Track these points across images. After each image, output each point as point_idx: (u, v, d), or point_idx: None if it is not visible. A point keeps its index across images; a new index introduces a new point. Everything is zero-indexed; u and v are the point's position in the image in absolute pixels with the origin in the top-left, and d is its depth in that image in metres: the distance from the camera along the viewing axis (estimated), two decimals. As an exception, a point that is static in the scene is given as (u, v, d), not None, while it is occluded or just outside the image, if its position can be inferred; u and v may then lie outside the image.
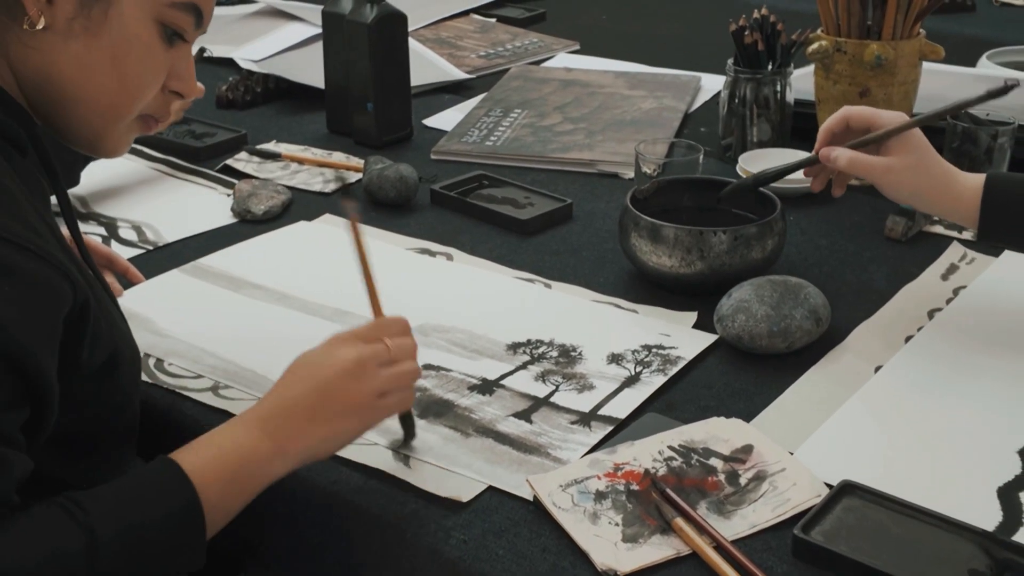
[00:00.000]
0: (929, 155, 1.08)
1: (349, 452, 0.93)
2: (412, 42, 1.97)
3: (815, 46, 1.42)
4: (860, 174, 1.10)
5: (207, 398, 1.00)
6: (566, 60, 2.00)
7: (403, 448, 0.92)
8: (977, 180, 1.07)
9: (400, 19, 1.54)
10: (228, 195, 1.41)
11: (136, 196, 1.43)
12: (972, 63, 1.78)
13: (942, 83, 1.60)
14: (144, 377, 1.02)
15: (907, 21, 1.39)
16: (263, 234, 1.33)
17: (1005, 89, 1.06)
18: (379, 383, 0.84)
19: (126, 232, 1.33)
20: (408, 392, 0.87)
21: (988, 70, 1.74)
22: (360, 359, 0.83)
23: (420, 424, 0.97)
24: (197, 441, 0.80)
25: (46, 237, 0.77)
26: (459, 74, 1.89)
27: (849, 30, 1.41)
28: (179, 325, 1.13)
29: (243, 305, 1.17)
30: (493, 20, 2.24)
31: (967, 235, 1.30)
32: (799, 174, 1.18)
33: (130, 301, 1.14)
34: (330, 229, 1.34)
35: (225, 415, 0.98)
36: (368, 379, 0.83)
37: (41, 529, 0.71)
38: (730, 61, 1.50)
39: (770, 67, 1.48)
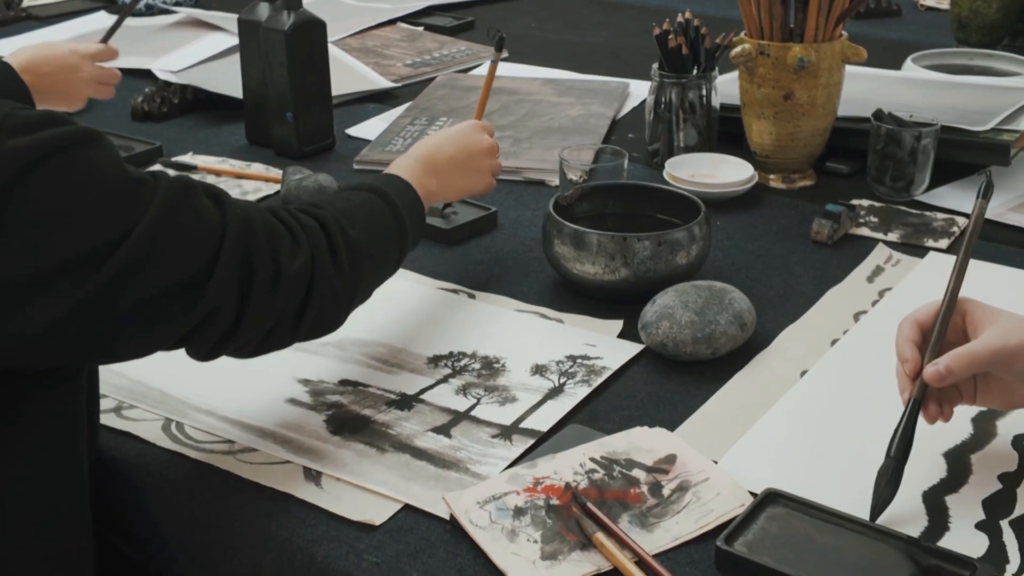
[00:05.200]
0: (1000, 309, 0.88)
1: (257, 474, 0.89)
2: (336, 51, 1.94)
3: (738, 49, 1.40)
4: (978, 367, 0.85)
5: (110, 420, 0.96)
6: (494, 68, 1.97)
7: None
8: None
9: (319, 26, 1.50)
10: (141, 209, 1.36)
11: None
12: (897, 66, 1.78)
13: (866, 86, 1.60)
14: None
15: (829, 23, 1.38)
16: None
17: None
18: (494, 165, 1.20)
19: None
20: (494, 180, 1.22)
21: (911, 73, 1.75)
22: (492, 145, 1.19)
23: (333, 440, 0.94)
24: (381, 174, 1.06)
25: None
26: (384, 83, 1.86)
27: (772, 33, 1.40)
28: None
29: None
30: (421, 28, 2.21)
31: (892, 236, 1.29)
32: (732, 177, 1.15)
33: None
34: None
35: (129, 436, 0.94)
36: (491, 159, 1.19)
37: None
38: (655, 66, 1.48)
39: (695, 71, 1.47)
